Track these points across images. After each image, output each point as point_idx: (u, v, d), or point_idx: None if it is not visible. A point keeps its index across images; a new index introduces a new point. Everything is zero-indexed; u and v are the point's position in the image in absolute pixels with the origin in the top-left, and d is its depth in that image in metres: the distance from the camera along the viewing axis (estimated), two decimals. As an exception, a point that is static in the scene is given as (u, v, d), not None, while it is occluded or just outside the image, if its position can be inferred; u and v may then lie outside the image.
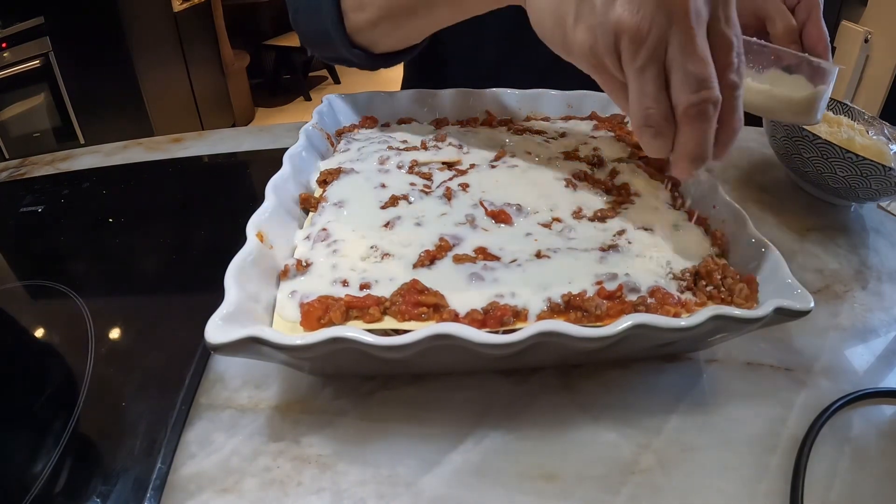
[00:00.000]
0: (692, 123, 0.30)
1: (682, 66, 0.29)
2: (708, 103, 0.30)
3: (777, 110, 0.50)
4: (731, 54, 0.30)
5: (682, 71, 0.29)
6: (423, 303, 0.33)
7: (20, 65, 1.93)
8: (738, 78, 0.31)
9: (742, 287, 0.36)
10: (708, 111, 0.30)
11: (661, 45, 0.30)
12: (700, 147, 0.31)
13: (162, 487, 0.31)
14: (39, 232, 0.55)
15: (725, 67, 0.30)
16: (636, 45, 0.30)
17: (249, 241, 0.36)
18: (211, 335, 0.29)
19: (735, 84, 0.31)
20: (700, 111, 0.30)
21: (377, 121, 0.60)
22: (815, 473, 0.33)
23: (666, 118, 0.31)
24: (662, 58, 0.30)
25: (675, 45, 0.29)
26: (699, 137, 0.31)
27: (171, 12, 2.45)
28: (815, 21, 0.47)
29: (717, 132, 0.31)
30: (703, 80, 0.29)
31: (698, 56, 0.29)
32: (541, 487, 0.32)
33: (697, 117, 0.30)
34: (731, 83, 0.31)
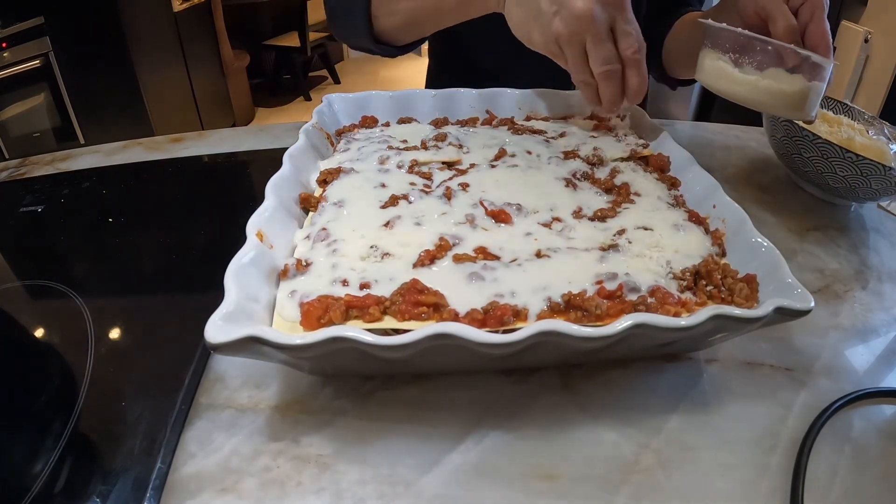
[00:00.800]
0: (603, 82, 0.48)
1: (593, 51, 0.47)
2: (610, 71, 0.47)
3: (769, 104, 0.50)
4: (628, 40, 0.47)
5: (594, 54, 0.48)
6: (423, 302, 0.33)
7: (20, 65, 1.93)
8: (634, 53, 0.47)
9: (742, 287, 0.36)
10: (611, 75, 0.48)
11: (582, 41, 0.48)
12: (613, 95, 0.49)
13: (162, 487, 0.31)
14: (39, 232, 0.55)
15: (626, 49, 0.47)
16: (567, 43, 0.48)
17: (249, 240, 0.36)
18: (211, 335, 0.29)
19: (633, 59, 0.47)
20: (606, 75, 0.48)
21: (377, 121, 0.60)
22: (815, 473, 0.33)
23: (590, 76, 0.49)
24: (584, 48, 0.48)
25: (590, 41, 0.47)
26: (610, 89, 0.49)
27: (171, 12, 2.45)
28: (817, 21, 0.48)
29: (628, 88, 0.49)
30: (605, 59, 0.47)
31: (603, 46, 0.47)
32: (541, 487, 0.32)
33: (605, 78, 0.48)
34: (629, 57, 0.48)
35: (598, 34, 0.47)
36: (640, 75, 0.48)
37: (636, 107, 0.60)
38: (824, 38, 0.48)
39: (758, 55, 0.50)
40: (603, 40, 0.47)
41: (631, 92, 0.49)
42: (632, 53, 0.47)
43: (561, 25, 0.47)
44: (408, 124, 0.59)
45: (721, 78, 0.53)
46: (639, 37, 0.48)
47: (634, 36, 0.47)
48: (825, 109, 0.66)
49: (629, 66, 0.48)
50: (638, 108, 0.60)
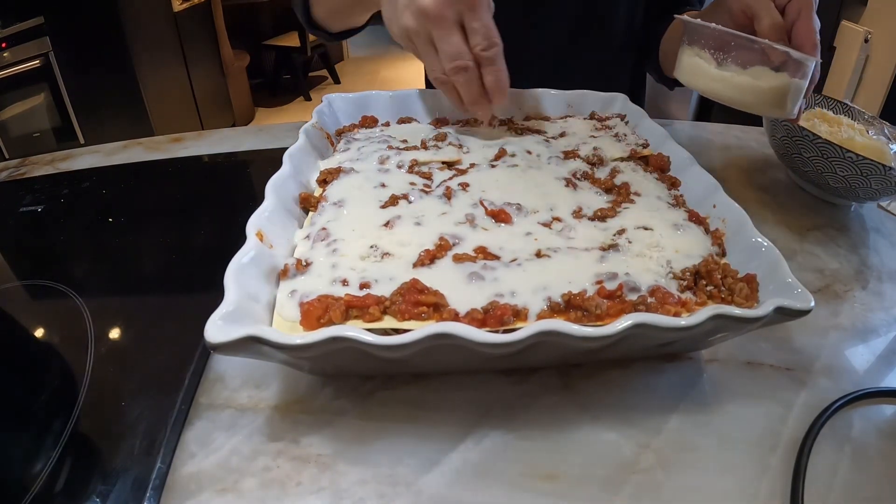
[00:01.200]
0: (455, 78, 0.48)
1: (440, 47, 0.47)
2: (460, 68, 0.47)
3: (747, 102, 0.49)
4: (476, 38, 0.47)
5: (441, 50, 0.47)
6: (423, 302, 0.33)
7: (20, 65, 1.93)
8: (486, 52, 0.47)
9: (742, 286, 0.36)
10: (461, 73, 0.47)
11: (429, 36, 0.47)
12: (469, 93, 0.49)
13: (161, 487, 0.31)
14: (39, 232, 0.55)
15: (475, 46, 0.47)
16: (416, 36, 0.48)
17: (249, 240, 0.36)
18: (210, 335, 0.29)
19: (484, 56, 0.47)
20: (456, 71, 0.47)
21: (377, 120, 0.60)
22: (815, 473, 0.33)
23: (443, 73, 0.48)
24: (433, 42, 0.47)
25: (435, 36, 0.47)
26: (464, 87, 0.49)
27: (171, 12, 2.45)
28: (804, 19, 0.47)
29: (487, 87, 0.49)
30: (453, 55, 0.47)
31: (447, 41, 0.47)
32: (541, 487, 0.32)
33: (457, 75, 0.47)
34: (481, 56, 0.47)
35: (444, 29, 0.46)
36: (493, 73, 0.48)
37: (636, 107, 0.60)
38: (811, 35, 0.47)
39: (735, 52, 0.49)
40: (448, 35, 0.46)
41: (488, 91, 0.49)
42: (480, 50, 0.47)
43: (409, 19, 0.47)
44: (408, 124, 0.59)
45: (697, 75, 0.52)
46: (489, 34, 0.47)
47: (483, 33, 0.46)
48: (825, 109, 0.66)
49: (481, 63, 0.47)
50: (638, 108, 0.60)
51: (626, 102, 0.62)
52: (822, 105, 0.67)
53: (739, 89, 0.49)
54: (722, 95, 0.50)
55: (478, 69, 0.48)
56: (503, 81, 0.49)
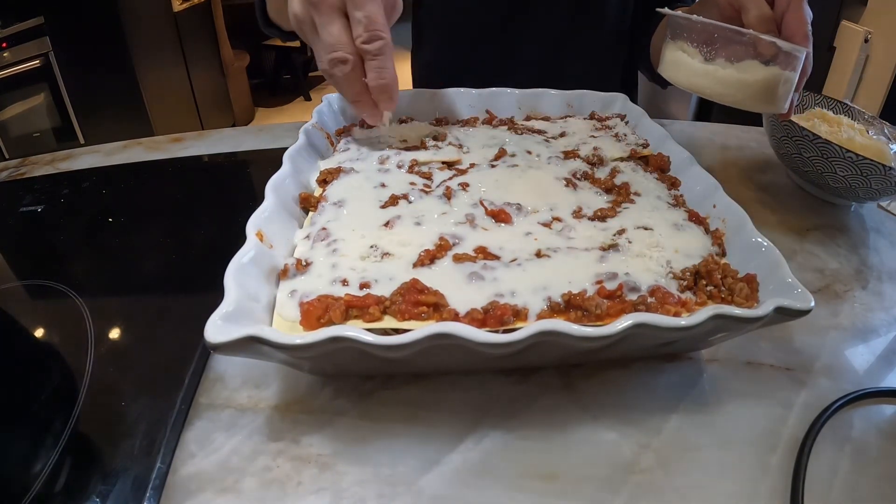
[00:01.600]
0: (332, 73, 0.44)
1: (320, 36, 0.44)
2: (336, 60, 0.43)
3: (733, 96, 0.48)
4: (358, 28, 0.43)
5: (320, 40, 0.44)
6: (423, 302, 0.33)
7: (20, 65, 1.93)
8: (368, 45, 0.43)
9: (742, 286, 0.36)
10: (338, 65, 0.43)
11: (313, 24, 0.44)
12: (349, 91, 0.45)
13: (161, 487, 0.31)
14: (39, 232, 0.55)
15: (356, 38, 0.43)
16: (304, 24, 0.45)
17: (249, 240, 0.36)
18: (210, 334, 0.29)
19: (365, 49, 0.43)
20: (333, 65, 0.44)
21: (377, 120, 0.59)
22: (815, 473, 0.33)
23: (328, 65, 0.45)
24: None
25: (317, 24, 0.44)
26: (342, 83, 0.45)
27: (171, 12, 2.45)
28: (794, 10, 0.45)
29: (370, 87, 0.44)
30: (330, 45, 0.43)
31: (326, 30, 0.43)
32: (541, 487, 0.32)
33: (333, 70, 0.44)
34: (363, 49, 0.43)
35: (324, 16, 0.43)
36: (375, 70, 0.44)
37: (635, 106, 0.60)
38: (801, 26, 0.45)
39: (722, 45, 0.47)
40: (328, 24, 0.43)
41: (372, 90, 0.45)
42: (361, 43, 0.43)
43: (296, 5, 0.45)
44: (408, 124, 0.59)
45: (680, 69, 0.51)
46: (372, 24, 0.42)
47: (365, 24, 0.42)
48: (825, 109, 0.66)
49: (364, 58, 0.44)
50: (638, 108, 0.60)
51: (626, 102, 0.62)
52: (822, 105, 0.67)
53: (724, 83, 0.47)
54: (705, 90, 0.49)
55: (361, 64, 0.44)
56: (387, 81, 0.44)
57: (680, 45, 0.50)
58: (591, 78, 0.68)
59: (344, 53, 0.43)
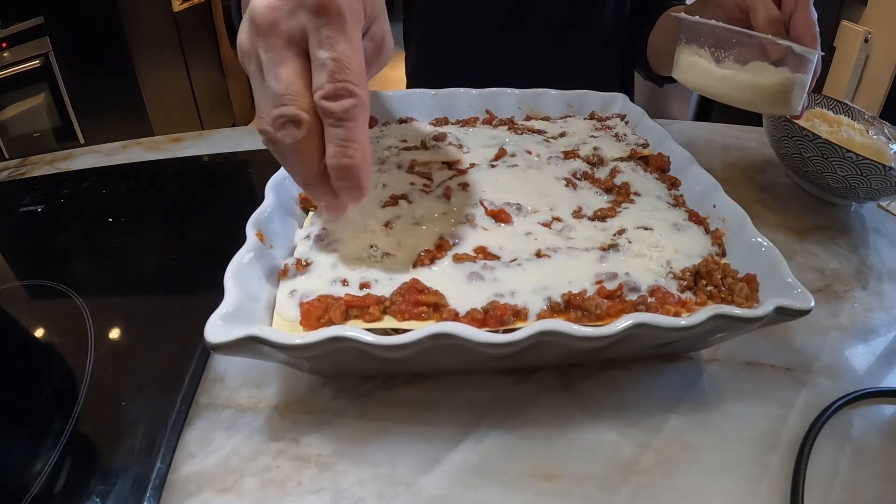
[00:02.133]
0: (279, 139, 0.29)
1: (266, 81, 0.29)
2: (285, 118, 0.28)
3: (749, 100, 0.48)
4: (320, 77, 0.28)
5: (265, 87, 0.29)
6: (423, 302, 0.33)
7: (20, 65, 1.93)
8: (331, 103, 0.28)
9: (742, 286, 0.36)
10: (286, 127, 0.29)
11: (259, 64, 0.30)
12: (298, 168, 0.30)
13: (161, 487, 0.31)
14: (39, 232, 0.55)
15: (316, 90, 0.28)
16: (243, 59, 0.31)
17: (249, 240, 0.36)
18: (210, 335, 0.29)
19: (326, 109, 0.28)
20: (280, 126, 0.29)
21: (377, 120, 0.59)
22: (815, 473, 0.33)
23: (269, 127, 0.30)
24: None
25: (263, 62, 0.29)
26: (290, 155, 0.30)
27: (171, 12, 2.45)
28: (802, 10, 0.45)
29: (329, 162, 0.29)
30: (277, 95, 0.29)
31: (274, 73, 0.29)
32: (541, 487, 0.32)
33: (280, 132, 0.29)
34: (322, 108, 0.28)
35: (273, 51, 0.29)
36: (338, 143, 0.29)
37: (635, 106, 0.60)
38: (810, 27, 0.45)
39: (736, 48, 0.47)
40: (278, 63, 0.29)
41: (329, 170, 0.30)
42: (321, 97, 0.28)
43: (243, 33, 0.31)
44: (408, 124, 0.59)
45: (696, 73, 0.51)
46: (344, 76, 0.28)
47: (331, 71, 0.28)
48: (825, 109, 0.66)
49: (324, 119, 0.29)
50: (638, 108, 0.60)
51: (626, 102, 0.62)
52: (822, 105, 0.67)
53: (741, 87, 0.48)
54: (723, 94, 0.49)
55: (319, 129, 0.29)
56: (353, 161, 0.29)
57: (694, 49, 0.51)
58: (589, 78, 0.68)
59: (295, 110, 0.28)
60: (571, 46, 0.78)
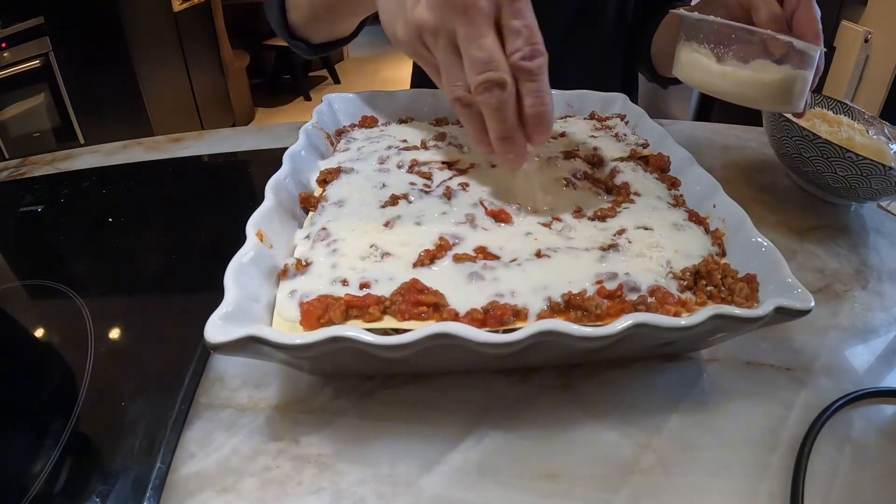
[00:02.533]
0: (484, 99, 0.35)
1: (467, 51, 0.35)
2: (492, 82, 0.34)
3: (750, 97, 0.48)
4: (517, 41, 0.34)
5: (468, 56, 0.35)
6: (423, 302, 0.33)
7: (20, 65, 1.93)
8: (529, 62, 0.35)
9: (742, 286, 0.36)
10: (493, 90, 0.35)
11: (452, 35, 0.35)
12: (499, 123, 0.36)
13: (161, 487, 0.31)
14: (39, 232, 0.55)
15: (513, 53, 0.35)
16: (433, 37, 0.36)
17: (249, 240, 0.36)
18: (210, 334, 0.29)
19: (525, 68, 0.35)
20: (486, 88, 0.35)
21: (377, 120, 0.60)
22: (815, 473, 0.33)
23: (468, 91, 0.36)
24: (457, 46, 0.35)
25: (461, 36, 0.34)
26: (493, 113, 0.36)
27: (171, 12, 2.45)
28: (805, 8, 0.45)
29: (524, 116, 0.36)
30: (484, 62, 0.34)
31: (479, 43, 0.34)
32: (541, 487, 0.32)
33: (486, 94, 0.35)
34: (521, 67, 0.35)
35: (474, 25, 0.34)
36: (535, 95, 0.35)
37: (635, 106, 0.60)
38: (812, 24, 0.45)
39: (736, 45, 0.47)
40: (480, 35, 0.34)
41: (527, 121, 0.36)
42: (520, 59, 0.34)
43: (424, 11, 0.35)
44: (408, 124, 0.59)
45: (697, 70, 0.50)
46: (533, 37, 0.35)
47: (526, 36, 0.35)
48: (825, 109, 0.66)
49: (520, 79, 0.35)
50: (638, 108, 0.60)
51: (626, 102, 0.62)
52: (822, 105, 0.67)
53: (742, 84, 0.47)
54: (724, 91, 0.49)
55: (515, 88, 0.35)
56: (547, 109, 0.36)
57: (694, 46, 0.50)
58: (591, 79, 0.68)
59: (502, 74, 0.34)
60: (574, 48, 0.78)
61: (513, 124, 0.36)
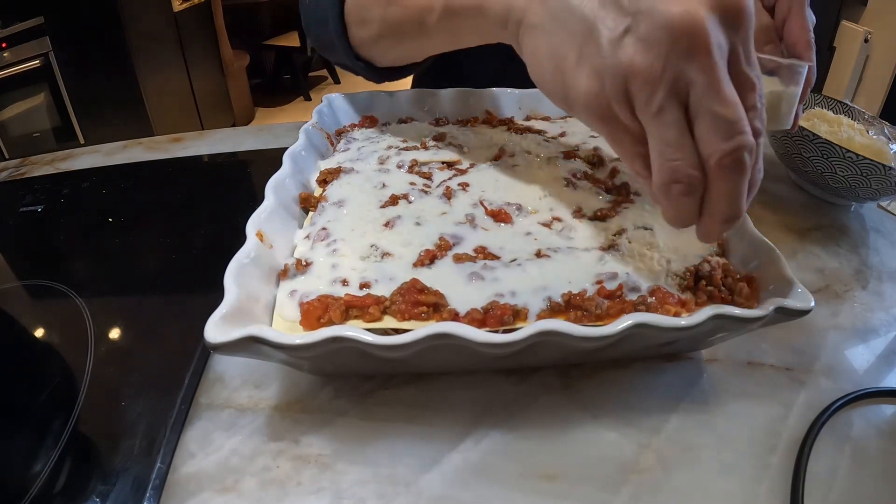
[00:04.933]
0: (727, 176, 0.26)
1: (710, 108, 0.25)
2: (743, 150, 0.26)
3: None
4: (754, 96, 0.27)
5: (710, 114, 0.25)
6: (423, 302, 0.33)
7: (20, 65, 1.93)
8: (761, 124, 0.27)
9: (742, 286, 0.36)
10: (744, 160, 0.26)
11: (681, 85, 0.26)
12: (735, 204, 0.28)
13: (161, 487, 0.31)
14: (39, 232, 0.55)
15: (749, 110, 0.26)
16: (651, 86, 0.26)
17: (249, 240, 0.36)
18: (210, 334, 0.29)
19: (760, 131, 0.27)
20: (735, 160, 0.26)
21: (377, 120, 0.59)
22: (815, 473, 0.33)
23: (696, 168, 0.27)
24: (684, 100, 0.26)
25: (700, 85, 0.25)
26: (734, 192, 0.27)
27: (171, 12, 2.45)
28: (796, 16, 0.43)
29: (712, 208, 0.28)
30: (735, 123, 0.25)
31: (726, 96, 0.25)
32: (541, 487, 0.32)
33: (733, 168, 0.26)
34: (756, 130, 0.27)
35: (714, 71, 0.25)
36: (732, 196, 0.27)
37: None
38: (804, 33, 0.42)
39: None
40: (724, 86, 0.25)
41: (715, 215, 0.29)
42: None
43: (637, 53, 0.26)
44: (408, 124, 0.59)
45: None
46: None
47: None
48: (825, 109, 0.66)
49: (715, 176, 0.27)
50: None
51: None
52: (822, 105, 0.66)
53: None
54: None
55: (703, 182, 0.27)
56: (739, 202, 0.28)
57: None
58: None
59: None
60: None
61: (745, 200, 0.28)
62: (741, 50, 0.26)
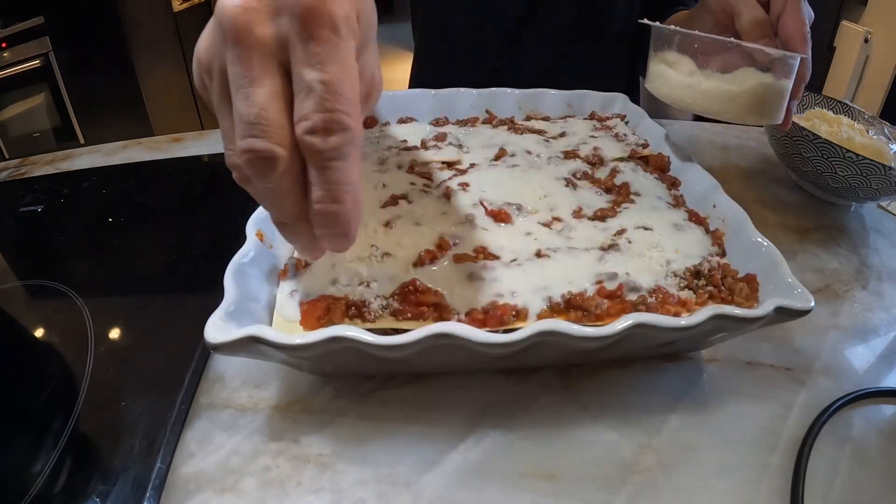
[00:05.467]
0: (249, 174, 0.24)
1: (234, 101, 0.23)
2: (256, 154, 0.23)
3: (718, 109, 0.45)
4: (305, 104, 0.22)
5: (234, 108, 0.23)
6: (423, 302, 0.33)
7: (20, 65, 1.93)
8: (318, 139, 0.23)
9: (742, 286, 0.36)
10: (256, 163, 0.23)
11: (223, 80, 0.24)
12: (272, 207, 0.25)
13: (161, 487, 0.31)
14: (39, 232, 0.55)
15: (299, 121, 0.23)
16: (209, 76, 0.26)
17: (249, 240, 0.36)
18: (210, 334, 0.29)
19: (312, 147, 0.23)
20: (248, 161, 0.23)
21: (377, 120, 0.59)
22: (815, 473, 0.33)
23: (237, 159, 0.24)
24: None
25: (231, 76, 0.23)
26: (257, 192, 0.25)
27: (171, 12, 2.45)
28: (791, 11, 0.43)
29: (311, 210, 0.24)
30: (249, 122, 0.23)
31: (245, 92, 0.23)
32: (541, 487, 0.32)
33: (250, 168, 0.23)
34: (307, 145, 0.23)
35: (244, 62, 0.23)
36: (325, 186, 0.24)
37: (636, 107, 0.60)
38: (799, 28, 0.42)
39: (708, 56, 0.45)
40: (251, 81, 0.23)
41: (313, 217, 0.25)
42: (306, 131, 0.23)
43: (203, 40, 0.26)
44: (408, 124, 0.59)
45: (662, 82, 0.48)
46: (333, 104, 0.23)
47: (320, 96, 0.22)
48: (825, 109, 0.66)
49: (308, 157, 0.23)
50: (637, 108, 0.60)
51: (626, 102, 0.62)
52: (822, 105, 0.66)
53: (708, 96, 0.45)
54: (691, 103, 0.46)
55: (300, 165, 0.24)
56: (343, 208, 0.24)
57: (662, 56, 0.49)
58: (596, 79, 0.68)
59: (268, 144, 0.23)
60: (580, 49, 0.78)
61: (291, 212, 0.25)
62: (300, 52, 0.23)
